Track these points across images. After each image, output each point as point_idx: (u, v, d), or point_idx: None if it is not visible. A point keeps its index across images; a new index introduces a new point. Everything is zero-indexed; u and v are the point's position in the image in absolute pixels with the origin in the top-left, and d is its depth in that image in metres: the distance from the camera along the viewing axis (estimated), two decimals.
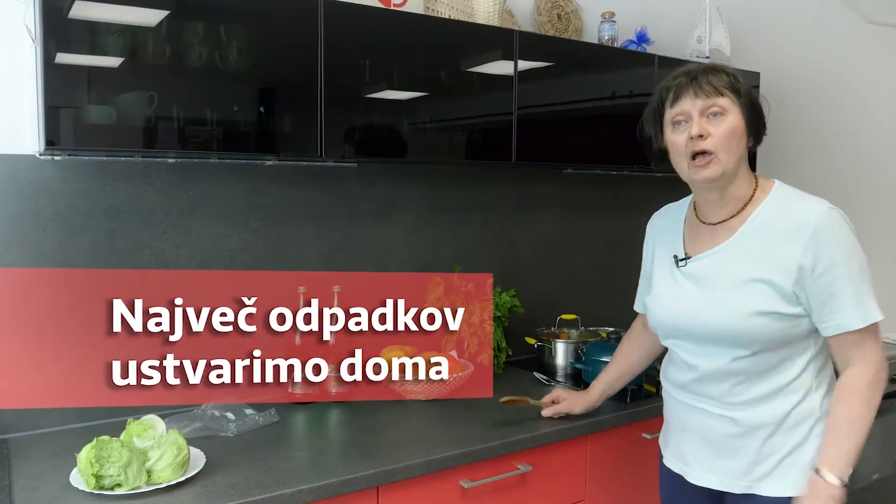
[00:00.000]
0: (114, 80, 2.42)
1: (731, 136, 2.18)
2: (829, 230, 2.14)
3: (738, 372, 2.24)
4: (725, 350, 2.24)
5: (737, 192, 2.27)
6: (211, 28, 2.53)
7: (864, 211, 5.81)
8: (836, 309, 2.14)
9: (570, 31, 3.89)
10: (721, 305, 2.22)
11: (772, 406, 2.23)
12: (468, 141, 3.18)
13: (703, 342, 2.29)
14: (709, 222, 2.34)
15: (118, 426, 2.45)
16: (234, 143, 2.65)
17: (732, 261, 2.24)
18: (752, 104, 2.23)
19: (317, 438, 2.70)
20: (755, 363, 2.21)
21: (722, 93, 2.19)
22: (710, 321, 2.24)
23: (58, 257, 2.72)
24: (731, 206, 2.29)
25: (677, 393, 2.44)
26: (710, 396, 2.31)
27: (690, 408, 2.39)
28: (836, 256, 2.13)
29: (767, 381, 2.22)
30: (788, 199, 2.25)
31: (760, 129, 2.26)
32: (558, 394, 2.87)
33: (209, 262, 2.98)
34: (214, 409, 2.72)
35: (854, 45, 5.61)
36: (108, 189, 2.79)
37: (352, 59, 2.81)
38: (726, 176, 2.20)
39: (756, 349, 2.19)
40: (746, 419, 2.25)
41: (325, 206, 3.26)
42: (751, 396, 2.24)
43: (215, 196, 3.00)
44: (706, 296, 2.27)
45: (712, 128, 2.18)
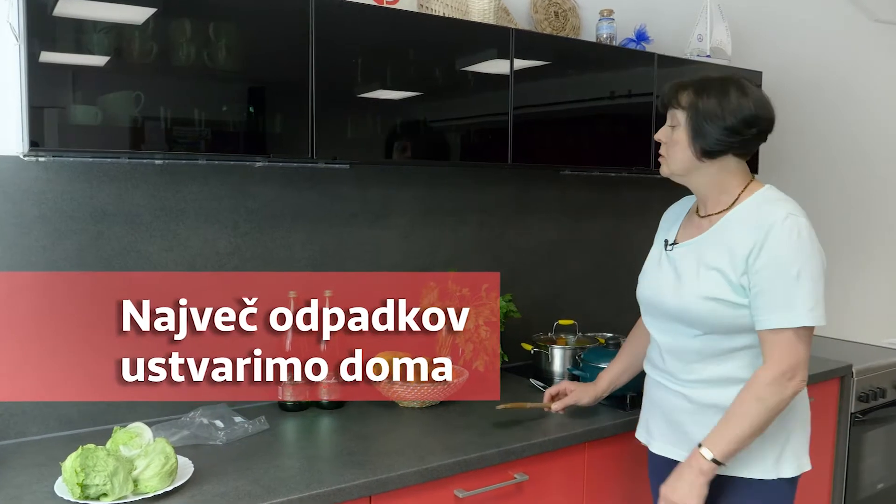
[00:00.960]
0: (99, 80, 2.41)
1: (673, 146, 2.48)
2: (779, 231, 2.32)
3: (692, 350, 2.48)
4: (682, 328, 2.49)
5: (710, 194, 2.52)
6: (199, 26, 2.53)
7: (869, 212, 5.83)
8: (763, 305, 2.33)
9: (568, 29, 3.90)
10: (682, 288, 2.48)
11: (719, 391, 2.45)
12: (463, 142, 3.18)
13: (667, 319, 2.55)
14: (700, 215, 2.57)
15: (104, 434, 2.46)
16: (223, 143, 2.65)
17: (702, 250, 2.48)
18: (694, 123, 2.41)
19: (308, 446, 2.71)
20: (705, 344, 2.45)
21: (681, 106, 2.45)
22: (672, 300, 2.50)
23: (42, 261, 2.72)
24: (711, 206, 2.53)
25: (649, 369, 2.72)
26: (669, 372, 2.58)
27: (655, 383, 2.67)
28: (778, 256, 2.31)
29: (717, 365, 2.46)
30: (764, 202, 2.44)
31: (711, 141, 2.41)
32: (565, 385, 2.99)
33: (197, 266, 2.98)
34: (203, 416, 2.73)
35: (858, 44, 5.63)
36: (93, 191, 2.79)
37: (344, 58, 2.81)
38: (676, 176, 2.52)
39: (705, 330, 2.43)
40: (697, 397, 2.50)
41: (316, 209, 3.26)
42: (701, 377, 2.48)
43: (203, 198, 3.00)
44: (675, 278, 2.52)
45: (664, 136, 2.52)
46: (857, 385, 4.03)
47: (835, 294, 5.47)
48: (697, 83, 2.44)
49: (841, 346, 4.56)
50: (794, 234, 2.32)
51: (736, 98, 2.38)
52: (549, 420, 2.94)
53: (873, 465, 4.23)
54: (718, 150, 2.40)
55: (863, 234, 5.78)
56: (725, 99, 2.38)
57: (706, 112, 2.38)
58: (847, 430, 4.05)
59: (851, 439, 4.08)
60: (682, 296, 2.46)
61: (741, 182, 2.49)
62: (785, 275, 2.29)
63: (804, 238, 2.34)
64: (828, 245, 5.41)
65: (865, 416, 4.11)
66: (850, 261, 5.67)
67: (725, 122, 2.37)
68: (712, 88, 2.41)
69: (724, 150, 2.41)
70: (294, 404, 3.01)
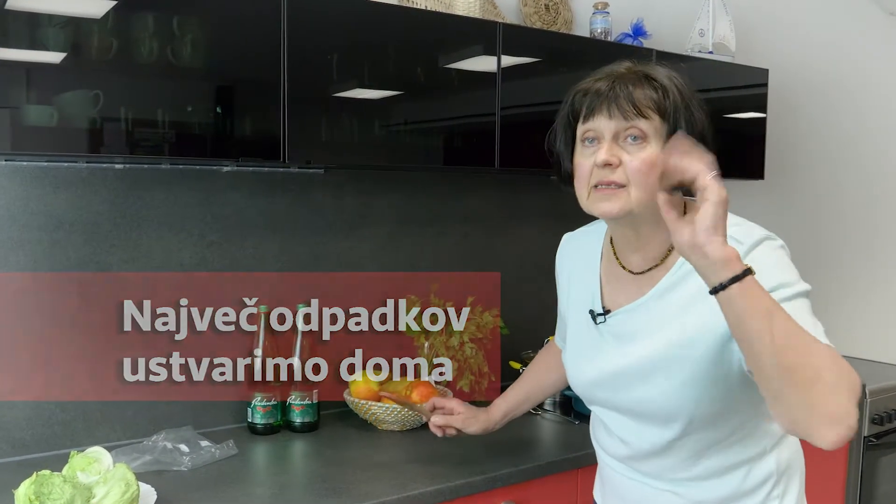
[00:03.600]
0: (55, 78, 2.42)
1: (649, 169, 1.86)
2: (764, 257, 1.83)
3: (679, 450, 2.05)
4: (660, 427, 2.04)
5: (655, 238, 2.00)
6: (162, 20, 2.54)
7: (885, 221, 5.85)
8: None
9: (559, 23, 3.93)
10: (645, 376, 2.00)
11: (721, 481, 2.06)
12: (447, 145, 3.20)
13: (633, 416, 2.10)
14: (629, 270, 2.09)
15: (60, 459, 2.47)
16: (188, 146, 2.66)
17: (655, 319, 2.00)
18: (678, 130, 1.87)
19: (279, 473, 2.72)
20: (698, 440, 2.02)
21: (644, 114, 1.90)
22: (637, 395, 2.04)
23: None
24: (651, 254, 2.04)
25: (612, 463, 2.26)
26: (650, 474, 2.14)
27: (629, 479, 2.21)
28: (773, 279, 1.76)
29: (715, 456, 2.05)
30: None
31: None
32: (453, 405, 2.65)
33: (160, 278, 3.00)
34: (166, 440, 2.74)
35: (872, 39, 5.66)
36: (48, 198, 2.80)
37: (318, 55, 2.83)
38: (633, 215, 1.92)
39: (695, 427, 1.99)
40: (693, 493, 2.09)
41: (289, 217, 3.28)
42: (696, 474, 2.07)
43: (167, 205, 3.02)
44: (630, 363, 2.03)
45: (626, 155, 1.89)
46: (870, 406, 4.03)
47: (847, 309, 5.52)
48: (646, 72, 1.97)
49: (853, 364, 4.56)
50: (782, 256, 1.89)
51: (701, 110, 1.96)
52: (538, 445, 2.96)
53: (889, 493, 4.24)
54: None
55: (878, 244, 5.82)
56: (699, 111, 1.95)
57: (688, 111, 1.93)
58: (860, 455, 4.06)
59: (865, 465, 4.08)
60: (647, 388, 2.00)
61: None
62: (782, 296, 1.75)
63: (787, 257, 1.89)
64: (840, 256, 5.46)
65: (880, 439, 4.12)
66: (864, 273, 5.71)
67: (703, 123, 1.95)
68: (682, 95, 1.94)
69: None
70: (264, 427, 3.03)
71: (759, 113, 4.28)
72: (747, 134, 4.27)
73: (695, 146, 1.58)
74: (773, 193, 4.97)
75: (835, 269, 5.47)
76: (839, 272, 5.50)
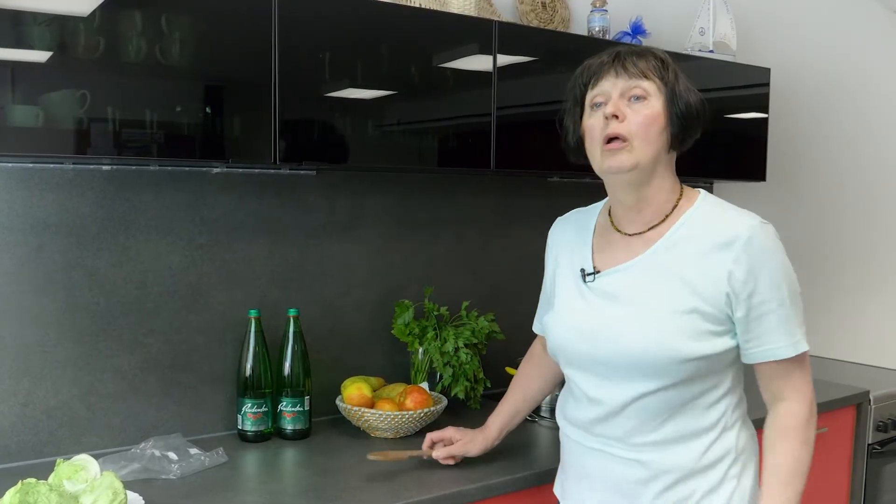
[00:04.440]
0: (41, 77, 2.41)
1: (651, 123, 2.15)
2: (761, 247, 2.13)
3: (649, 407, 2.20)
4: (635, 380, 2.19)
5: (655, 199, 2.25)
6: (151, 18, 2.53)
7: (889, 223, 5.87)
8: (764, 334, 2.15)
9: (557, 21, 3.94)
10: (634, 328, 2.18)
11: (684, 448, 2.21)
12: (441, 146, 3.20)
13: (610, 370, 2.24)
14: (624, 232, 2.32)
15: (46, 467, 2.48)
16: (177, 148, 2.65)
17: (650, 278, 2.21)
18: (675, 96, 2.18)
19: (270, 481, 2.72)
20: (669, 397, 2.18)
21: (647, 76, 2.17)
22: (620, 345, 2.19)
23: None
24: (649, 216, 2.27)
25: (576, 434, 2.39)
26: (614, 437, 2.27)
27: (591, 451, 2.34)
28: (769, 276, 2.13)
29: (680, 418, 2.20)
30: (715, 212, 2.24)
31: (685, 128, 2.20)
32: (450, 434, 2.79)
33: (148, 282, 3.00)
34: (155, 448, 2.74)
35: (876, 37, 5.68)
36: (34, 200, 2.80)
37: (310, 54, 2.83)
38: (640, 169, 2.17)
39: (671, 381, 2.16)
40: (656, 462, 2.22)
41: (280, 220, 3.29)
42: (661, 436, 2.21)
43: (156, 208, 3.02)
44: (617, 316, 2.23)
45: (630, 111, 2.15)
46: (874, 413, 4.05)
47: (850, 313, 5.53)
48: (660, 54, 2.24)
49: (857, 370, 4.59)
50: (777, 248, 2.17)
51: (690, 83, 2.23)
52: (534, 452, 2.96)
53: (893, 502, 4.25)
54: (689, 137, 2.23)
55: (882, 247, 5.84)
56: (689, 80, 2.23)
57: (684, 89, 2.20)
58: (864, 463, 4.08)
59: (868, 473, 4.10)
60: (639, 343, 2.15)
61: (677, 186, 2.29)
62: (780, 294, 2.13)
63: (781, 248, 2.18)
64: (843, 259, 5.48)
65: (884, 447, 4.13)
66: (868, 277, 5.72)
67: (698, 101, 2.21)
68: (675, 66, 2.23)
69: (682, 141, 2.23)
70: (255, 434, 3.03)
71: (761, 113, 4.29)
72: (748, 135, 4.28)
73: None
74: (774, 195, 4.98)
75: (838, 272, 5.48)
76: (842, 275, 5.52)
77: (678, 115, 2.17)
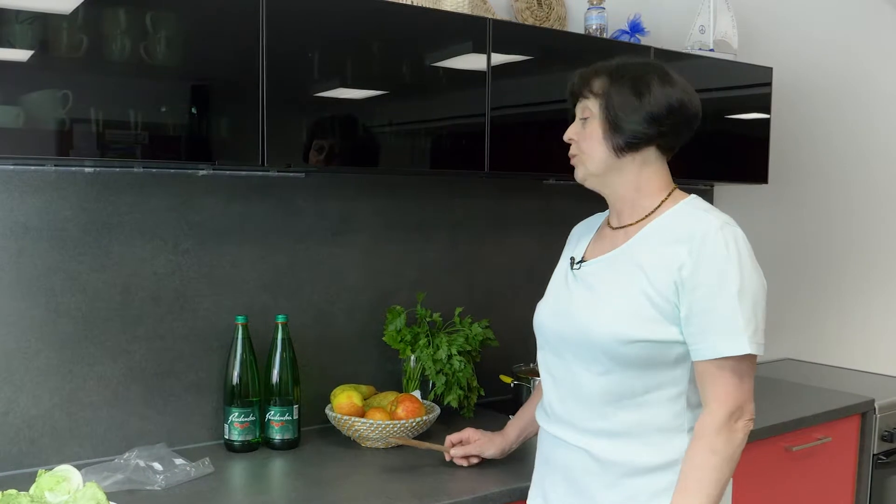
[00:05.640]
0: (22, 77, 2.42)
1: (589, 139, 2.40)
2: (714, 241, 2.22)
3: (600, 392, 2.33)
4: (586, 360, 2.36)
5: (628, 198, 2.44)
6: (135, 16, 2.53)
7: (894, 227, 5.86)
8: (701, 329, 2.21)
9: (553, 19, 3.94)
10: (593, 312, 2.35)
11: (633, 443, 2.32)
12: (434, 147, 3.21)
13: (571, 352, 2.41)
14: (612, 227, 2.50)
15: (27, 478, 2.47)
16: (162, 149, 2.66)
17: (618, 266, 2.38)
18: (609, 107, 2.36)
19: (258, 492, 2.73)
20: (615, 382, 2.31)
21: (591, 95, 2.40)
22: (579, 328, 2.37)
23: None
24: (628, 213, 2.45)
25: (544, 422, 2.55)
26: (569, 422, 2.41)
27: (553, 439, 2.49)
28: (717, 273, 2.21)
29: (630, 412, 2.31)
30: (689, 211, 2.36)
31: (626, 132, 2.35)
32: (468, 434, 2.91)
33: (132, 288, 3.00)
34: (139, 458, 2.74)
35: (881, 36, 5.69)
36: (14, 203, 2.80)
37: (299, 52, 2.84)
38: (595, 178, 2.45)
39: (617, 364, 2.29)
40: (604, 452, 2.34)
41: (268, 224, 3.29)
42: (609, 426, 2.33)
43: (140, 211, 3.02)
44: (586, 300, 2.42)
45: (580, 132, 2.44)
46: (879, 422, 4.05)
47: (855, 319, 5.54)
48: (613, 67, 2.40)
49: (861, 377, 4.60)
50: (733, 245, 2.23)
51: (657, 85, 2.34)
52: (531, 462, 2.96)
53: None
54: (638, 141, 2.35)
55: (888, 251, 5.84)
56: (643, 84, 2.34)
57: (623, 98, 2.34)
58: (869, 473, 4.08)
59: (874, 484, 4.11)
60: (593, 322, 2.33)
61: (664, 187, 2.43)
62: (725, 292, 2.19)
63: (743, 251, 2.24)
64: (847, 264, 5.48)
65: (890, 457, 4.14)
66: (873, 282, 5.73)
67: (644, 109, 2.32)
68: (629, 73, 2.37)
69: (645, 142, 2.36)
70: (242, 444, 3.04)
71: (763, 114, 4.30)
72: (750, 136, 4.29)
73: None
74: (776, 198, 5.00)
75: (842, 276, 5.50)
76: (846, 280, 5.53)
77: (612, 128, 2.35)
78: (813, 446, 3.73)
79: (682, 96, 2.35)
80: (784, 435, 3.59)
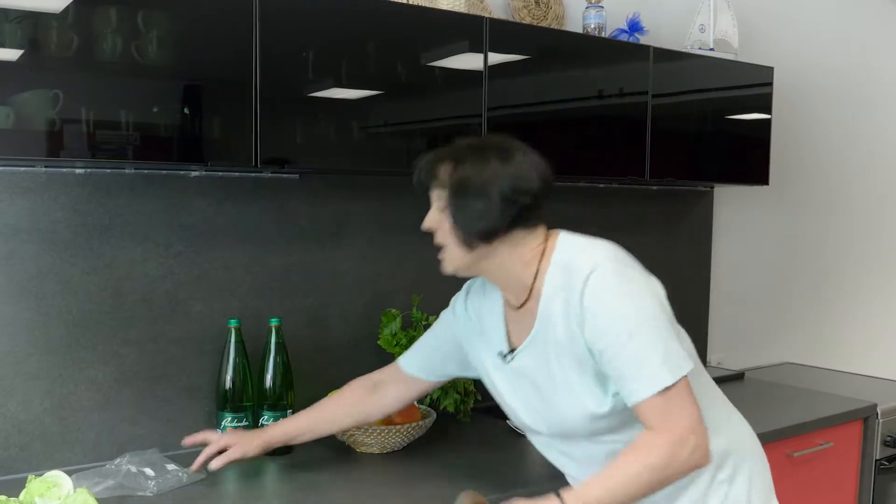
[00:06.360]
0: (11, 76, 2.42)
1: (445, 239, 2.37)
2: (591, 292, 2.19)
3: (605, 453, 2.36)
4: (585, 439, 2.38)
5: (508, 277, 2.38)
6: (126, 14, 2.53)
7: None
8: (617, 379, 2.21)
9: (550, 18, 3.95)
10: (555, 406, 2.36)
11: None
12: (429, 148, 3.16)
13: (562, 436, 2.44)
14: (515, 305, 2.43)
15: (17, 484, 2.48)
16: (154, 150, 2.66)
17: (544, 351, 2.35)
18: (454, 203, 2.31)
19: (251, 498, 2.72)
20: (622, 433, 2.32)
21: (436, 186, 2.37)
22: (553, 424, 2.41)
23: None
24: (516, 291, 2.40)
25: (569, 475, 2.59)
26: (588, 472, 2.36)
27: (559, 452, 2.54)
28: (604, 321, 2.18)
29: (639, 428, 2.26)
30: (563, 263, 2.30)
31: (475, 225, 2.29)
32: (225, 441, 2.81)
33: (124, 291, 3.01)
34: (130, 464, 2.74)
35: (883, 35, 5.70)
36: (3, 205, 2.80)
37: (293, 52, 2.84)
38: (463, 270, 2.41)
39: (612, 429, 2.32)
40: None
41: (261, 226, 3.29)
42: (625, 445, 2.31)
43: (131, 213, 3.02)
44: (540, 395, 2.40)
45: (434, 222, 2.40)
46: (882, 428, 4.05)
47: (857, 323, 5.55)
48: (455, 151, 2.35)
49: (863, 382, 4.60)
50: (608, 285, 2.20)
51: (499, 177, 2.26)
52: (523, 467, 2.96)
53: None
54: (492, 230, 2.29)
55: (890, 254, 5.86)
56: (485, 181, 2.26)
57: (465, 202, 2.28)
58: (871, 479, 4.08)
59: (876, 490, 4.11)
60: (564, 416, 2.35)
61: (536, 247, 2.36)
62: (621, 336, 2.16)
63: (616, 286, 2.21)
64: (849, 266, 5.47)
65: (893, 462, 4.14)
66: (875, 283, 5.74)
67: (490, 213, 2.26)
68: (470, 157, 2.31)
69: (503, 230, 2.29)
70: None
71: (764, 114, 4.30)
72: (750, 136, 4.29)
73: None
74: (777, 200, 5.00)
75: (843, 279, 5.50)
76: (848, 282, 5.53)
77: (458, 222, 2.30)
78: (815, 451, 3.73)
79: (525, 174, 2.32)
80: (785, 440, 3.59)
